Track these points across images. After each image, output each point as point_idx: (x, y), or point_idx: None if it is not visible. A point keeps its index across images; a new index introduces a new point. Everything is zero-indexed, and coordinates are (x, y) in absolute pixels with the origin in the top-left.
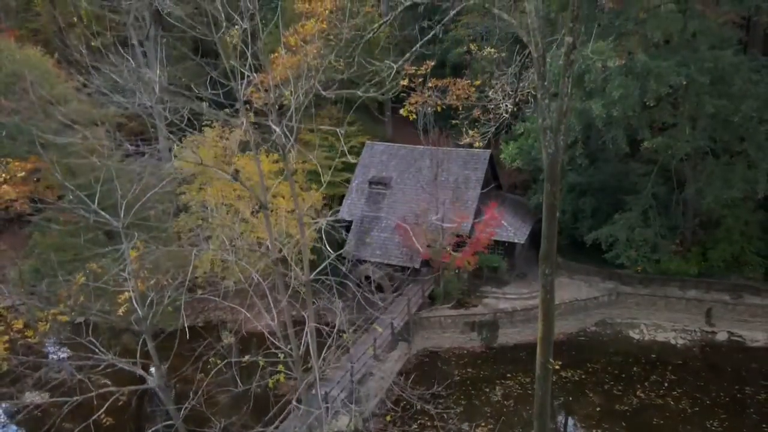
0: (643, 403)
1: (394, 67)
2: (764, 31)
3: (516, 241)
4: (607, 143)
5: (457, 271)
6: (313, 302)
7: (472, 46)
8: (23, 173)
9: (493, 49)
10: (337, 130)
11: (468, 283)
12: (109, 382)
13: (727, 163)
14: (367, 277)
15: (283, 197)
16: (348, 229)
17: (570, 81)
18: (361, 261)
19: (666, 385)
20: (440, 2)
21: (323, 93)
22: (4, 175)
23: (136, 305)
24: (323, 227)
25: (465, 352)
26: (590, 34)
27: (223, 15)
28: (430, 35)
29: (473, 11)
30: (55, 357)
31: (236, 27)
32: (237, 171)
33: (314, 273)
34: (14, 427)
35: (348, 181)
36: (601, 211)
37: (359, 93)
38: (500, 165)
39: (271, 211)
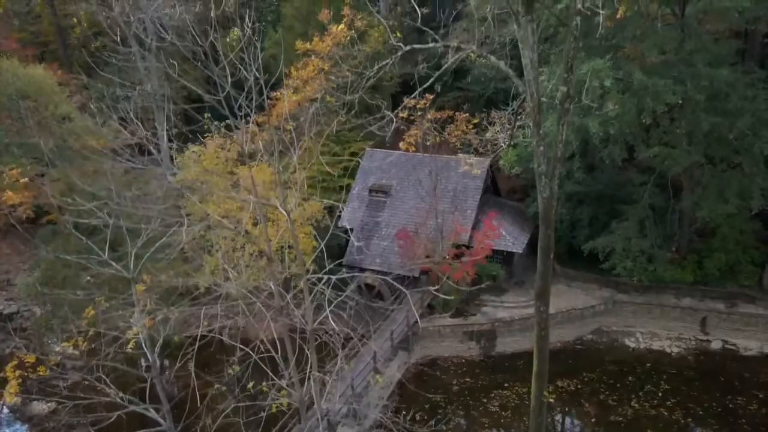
0: (638, 414)
1: (393, 118)
2: (762, 40)
3: (514, 250)
4: (604, 158)
5: (456, 281)
6: (316, 338)
7: (472, 55)
8: (25, 179)
9: (492, 56)
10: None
11: (467, 292)
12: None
13: (724, 170)
14: (368, 285)
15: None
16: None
17: (565, 128)
18: (361, 269)
19: (660, 395)
20: (438, 47)
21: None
22: (7, 180)
23: (145, 348)
24: (323, 226)
25: (463, 361)
26: (588, 49)
27: (229, 76)
28: (428, 83)
29: (473, 18)
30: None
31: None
32: (237, 181)
33: (317, 321)
34: None
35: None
36: (598, 220)
37: (358, 160)
38: (498, 169)
39: (272, 222)
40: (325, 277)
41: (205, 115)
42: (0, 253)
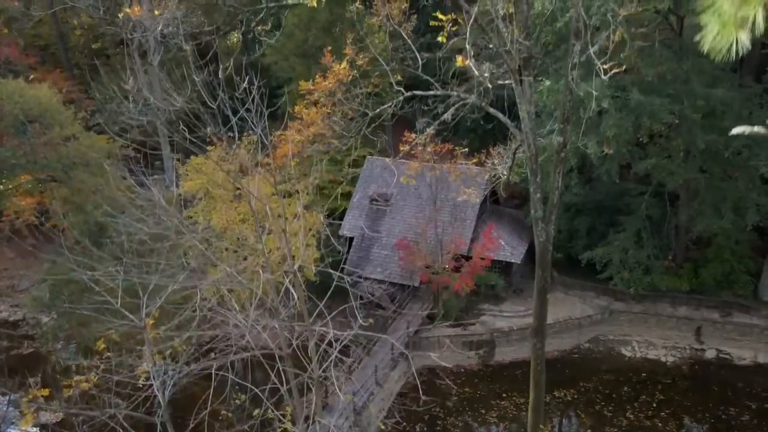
0: (633, 425)
1: (394, 171)
2: (760, 50)
3: (513, 260)
4: (601, 175)
5: (455, 292)
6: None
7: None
8: (28, 186)
9: (491, 64)
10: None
11: (466, 301)
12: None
13: (723, 179)
14: (368, 294)
15: (286, 218)
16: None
17: (560, 175)
18: (361, 278)
19: (655, 405)
20: (440, 94)
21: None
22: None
23: (157, 391)
24: (323, 239)
25: (462, 370)
26: (586, 66)
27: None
28: (428, 130)
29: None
30: None
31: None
32: (239, 190)
33: (325, 364)
34: None
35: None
36: (596, 230)
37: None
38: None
39: (271, 233)
40: (331, 332)
41: (208, 129)
42: (4, 259)
